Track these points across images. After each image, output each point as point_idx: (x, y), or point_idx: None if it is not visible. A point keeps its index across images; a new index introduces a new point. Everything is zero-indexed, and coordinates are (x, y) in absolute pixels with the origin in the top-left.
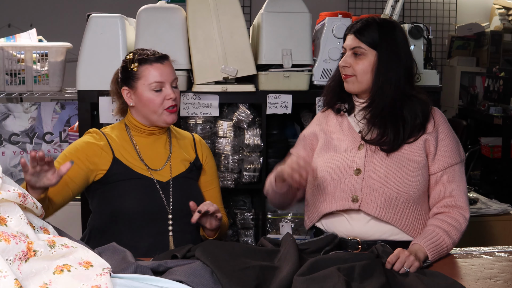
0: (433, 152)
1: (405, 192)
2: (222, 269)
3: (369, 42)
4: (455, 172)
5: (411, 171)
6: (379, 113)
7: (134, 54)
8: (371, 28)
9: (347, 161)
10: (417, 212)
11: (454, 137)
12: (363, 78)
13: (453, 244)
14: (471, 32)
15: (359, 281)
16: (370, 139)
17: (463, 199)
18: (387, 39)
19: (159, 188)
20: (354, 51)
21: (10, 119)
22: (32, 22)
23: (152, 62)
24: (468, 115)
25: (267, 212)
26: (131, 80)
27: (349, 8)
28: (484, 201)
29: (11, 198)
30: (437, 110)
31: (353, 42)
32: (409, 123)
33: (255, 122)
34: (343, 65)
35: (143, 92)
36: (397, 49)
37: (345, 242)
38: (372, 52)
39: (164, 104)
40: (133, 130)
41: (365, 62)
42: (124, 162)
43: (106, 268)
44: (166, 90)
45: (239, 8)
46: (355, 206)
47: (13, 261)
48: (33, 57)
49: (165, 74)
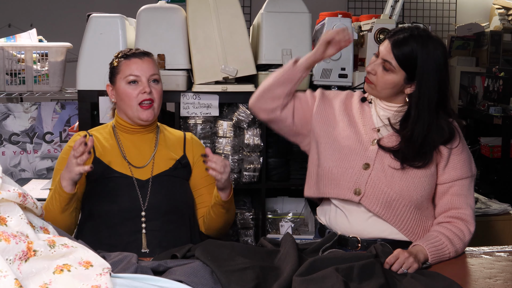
0: (444, 163)
1: (408, 195)
2: (222, 268)
3: (401, 61)
4: (464, 186)
5: (418, 176)
6: (411, 136)
7: (119, 52)
8: (409, 44)
9: (359, 153)
10: (418, 217)
11: (467, 151)
12: (382, 91)
13: (455, 252)
14: (470, 32)
15: (357, 281)
16: (386, 146)
17: (469, 212)
18: (424, 63)
19: (136, 186)
20: (383, 64)
21: (10, 119)
22: (32, 22)
23: (130, 57)
24: (467, 115)
25: (267, 212)
26: (113, 76)
27: (349, 8)
28: (484, 201)
29: (11, 198)
30: (455, 123)
31: (386, 54)
32: (434, 144)
33: (255, 122)
34: (369, 70)
35: (120, 85)
36: (435, 75)
37: (345, 240)
38: (401, 72)
39: (138, 98)
40: (119, 129)
41: (389, 79)
42: (105, 161)
43: (106, 268)
44: (142, 83)
45: (239, 8)
46: (356, 199)
47: (13, 261)
48: (33, 57)
49: (142, 68)
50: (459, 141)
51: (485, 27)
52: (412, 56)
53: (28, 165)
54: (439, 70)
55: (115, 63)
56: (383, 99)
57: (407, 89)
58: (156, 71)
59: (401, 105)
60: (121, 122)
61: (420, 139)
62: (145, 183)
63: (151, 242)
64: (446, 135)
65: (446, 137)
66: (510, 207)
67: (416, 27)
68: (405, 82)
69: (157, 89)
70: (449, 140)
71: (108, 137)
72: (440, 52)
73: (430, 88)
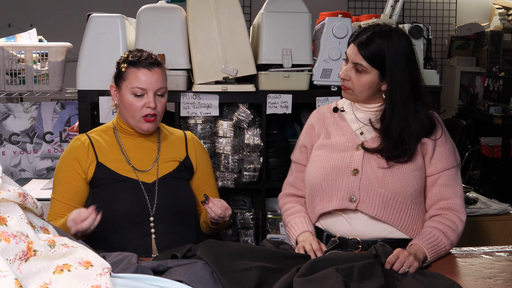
0: (430, 155)
1: (403, 192)
2: (223, 269)
3: (371, 60)
4: (451, 176)
5: (408, 171)
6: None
7: (129, 53)
8: (374, 42)
9: (345, 161)
10: (415, 212)
11: (451, 141)
12: (360, 94)
13: (451, 244)
14: (471, 32)
15: (358, 281)
16: (371, 148)
17: (459, 201)
18: (392, 57)
19: (144, 189)
20: (355, 67)
21: (10, 119)
22: (32, 22)
23: (140, 66)
24: (468, 115)
25: (267, 212)
26: (119, 79)
27: (349, 8)
28: (484, 201)
29: (11, 198)
30: (435, 114)
31: (355, 57)
32: (416, 136)
33: (255, 122)
34: (342, 77)
35: (125, 94)
36: (404, 66)
37: (345, 242)
38: (374, 71)
39: (143, 111)
40: (120, 132)
41: (364, 80)
42: (108, 165)
43: (106, 268)
44: (148, 97)
45: (239, 8)
46: (353, 206)
47: (13, 261)
48: (33, 57)
49: (150, 81)
50: (442, 132)
51: (485, 27)
52: (380, 53)
53: (28, 165)
54: (407, 60)
55: (123, 68)
56: (362, 102)
57: (382, 86)
58: (164, 84)
59: (379, 105)
60: (123, 125)
61: (397, 133)
62: (151, 186)
63: (160, 245)
64: (426, 127)
65: (427, 128)
66: (510, 207)
67: (376, 24)
68: (380, 80)
69: (162, 102)
70: (431, 132)
71: (109, 140)
72: (405, 43)
73: (401, 80)
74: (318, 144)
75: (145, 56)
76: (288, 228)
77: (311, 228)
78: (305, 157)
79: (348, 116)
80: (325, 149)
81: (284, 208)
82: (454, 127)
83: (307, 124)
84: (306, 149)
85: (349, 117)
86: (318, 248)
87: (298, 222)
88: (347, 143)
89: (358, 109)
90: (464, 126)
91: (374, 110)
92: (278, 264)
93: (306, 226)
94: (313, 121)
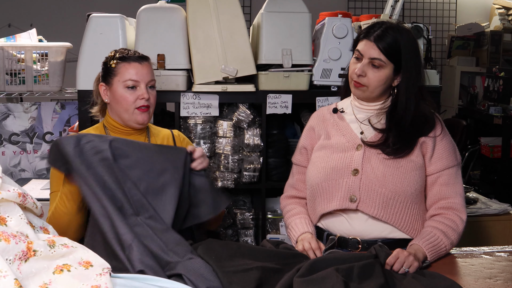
0: (430, 154)
1: (403, 191)
2: (224, 269)
3: (388, 53)
4: (451, 175)
5: (408, 171)
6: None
7: (115, 52)
8: (390, 35)
9: (345, 161)
10: (416, 212)
11: (451, 140)
12: (375, 89)
13: (451, 244)
14: (471, 32)
15: (357, 281)
16: (372, 142)
17: (459, 201)
18: (406, 49)
19: None
20: (372, 62)
21: (10, 119)
22: (32, 22)
23: (130, 60)
24: (468, 115)
25: (267, 212)
26: (109, 76)
27: (349, 8)
28: (484, 201)
29: (11, 198)
30: (436, 113)
31: (372, 52)
32: (418, 129)
33: (255, 122)
34: (359, 74)
35: (117, 89)
36: (416, 60)
37: (345, 241)
38: (390, 65)
39: (136, 103)
40: (111, 131)
41: (381, 75)
42: None
43: (106, 268)
44: (140, 89)
45: (239, 8)
46: (353, 206)
47: (13, 261)
48: (33, 57)
49: (141, 74)
50: (442, 130)
51: (485, 27)
52: (396, 45)
53: (28, 165)
54: (418, 54)
55: (113, 65)
56: (373, 99)
57: (394, 81)
58: (153, 76)
59: (382, 102)
60: (113, 123)
61: (407, 124)
62: None
63: None
64: (428, 123)
65: (428, 124)
66: (510, 207)
67: (384, 21)
68: (394, 74)
69: (153, 94)
70: (431, 129)
71: None
72: (413, 38)
73: (415, 73)
74: (318, 145)
75: (133, 52)
76: (289, 229)
77: (311, 229)
78: (306, 159)
79: (347, 116)
80: (325, 150)
81: (285, 210)
82: (454, 127)
83: (307, 126)
84: (306, 151)
85: (349, 117)
86: (317, 247)
87: (299, 223)
88: (347, 143)
89: (358, 109)
90: (464, 126)
91: (375, 109)
92: (278, 264)
93: (307, 227)
94: (313, 123)
